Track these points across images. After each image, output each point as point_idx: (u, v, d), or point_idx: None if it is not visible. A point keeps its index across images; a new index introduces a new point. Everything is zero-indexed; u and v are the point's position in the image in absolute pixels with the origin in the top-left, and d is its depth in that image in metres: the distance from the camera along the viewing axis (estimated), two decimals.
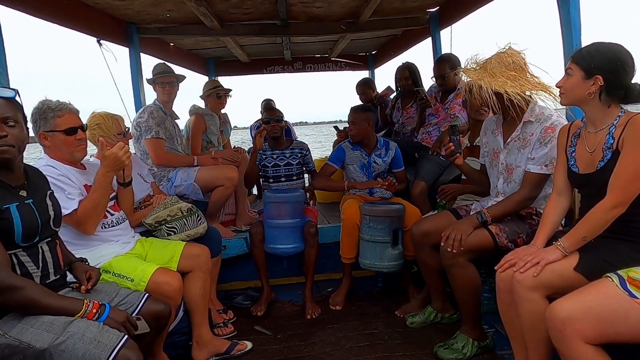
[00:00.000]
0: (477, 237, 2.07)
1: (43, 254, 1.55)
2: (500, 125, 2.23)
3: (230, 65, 5.98)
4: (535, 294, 1.60)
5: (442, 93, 3.52)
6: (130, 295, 1.74)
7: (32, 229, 1.49)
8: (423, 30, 4.16)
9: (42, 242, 1.56)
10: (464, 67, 2.08)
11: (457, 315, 2.53)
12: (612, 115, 1.65)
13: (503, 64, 1.98)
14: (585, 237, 1.61)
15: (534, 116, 2.06)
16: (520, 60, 1.99)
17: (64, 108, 1.94)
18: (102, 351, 1.36)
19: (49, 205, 1.62)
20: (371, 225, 2.74)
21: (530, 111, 2.06)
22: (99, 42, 3.36)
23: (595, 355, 1.37)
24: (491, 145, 2.31)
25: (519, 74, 1.96)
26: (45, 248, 1.57)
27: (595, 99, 1.64)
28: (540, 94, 1.98)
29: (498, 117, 2.23)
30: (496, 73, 1.96)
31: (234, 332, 2.59)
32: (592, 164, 1.68)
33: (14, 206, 1.46)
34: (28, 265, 1.50)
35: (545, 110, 2.06)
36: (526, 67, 2.00)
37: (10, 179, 1.52)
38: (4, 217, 1.42)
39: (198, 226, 2.46)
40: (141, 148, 3.07)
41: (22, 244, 1.48)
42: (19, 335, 1.37)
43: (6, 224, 1.43)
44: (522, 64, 1.99)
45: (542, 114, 2.05)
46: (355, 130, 3.05)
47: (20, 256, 1.48)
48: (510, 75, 1.95)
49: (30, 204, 1.52)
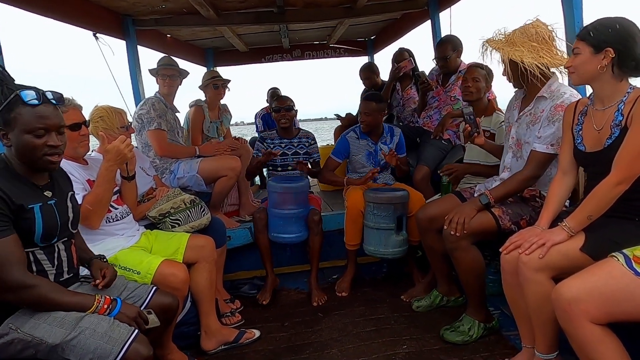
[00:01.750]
0: (480, 220, 2.07)
1: (59, 252, 1.56)
2: (520, 99, 2.20)
3: (228, 55, 5.94)
4: (541, 275, 1.61)
5: (443, 76, 3.48)
6: (139, 289, 1.75)
7: (51, 229, 1.50)
8: (422, 13, 4.10)
9: (59, 241, 1.57)
10: (489, 39, 2.02)
11: (462, 298, 2.54)
12: (621, 92, 1.63)
13: (526, 34, 1.94)
14: (590, 215, 1.60)
15: (548, 92, 2.02)
16: (545, 32, 1.94)
17: (69, 104, 1.94)
18: (113, 346, 1.38)
19: (69, 207, 1.62)
20: (375, 213, 2.74)
21: (547, 87, 2.02)
22: (95, 35, 3.34)
23: (602, 334, 1.38)
24: (508, 119, 2.29)
25: (541, 45, 1.92)
26: (61, 247, 1.57)
27: (607, 73, 1.61)
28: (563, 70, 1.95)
29: (520, 91, 2.20)
30: (517, 42, 1.93)
31: (241, 321, 2.61)
32: (599, 142, 1.66)
33: (38, 206, 1.46)
34: (44, 263, 1.51)
35: (562, 87, 2.02)
36: (551, 41, 1.95)
37: (37, 179, 1.52)
38: (27, 217, 1.43)
39: (202, 217, 2.47)
40: (143, 140, 3.07)
41: (40, 244, 1.49)
42: (31, 330, 1.39)
43: (28, 224, 1.43)
44: (547, 36, 1.94)
45: (558, 90, 2.01)
46: (368, 120, 3.02)
47: (37, 254, 1.49)
48: (532, 46, 1.91)
49: (52, 205, 1.52)
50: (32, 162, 1.47)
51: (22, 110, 1.41)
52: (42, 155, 1.45)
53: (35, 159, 1.45)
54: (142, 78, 3.78)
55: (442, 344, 2.20)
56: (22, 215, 1.42)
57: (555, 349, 1.72)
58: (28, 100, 1.41)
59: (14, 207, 1.39)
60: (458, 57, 3.35)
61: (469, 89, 2.64)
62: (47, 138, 1.44)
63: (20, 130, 1.41)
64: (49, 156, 1.46)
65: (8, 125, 1.42)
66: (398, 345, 2.22)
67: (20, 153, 1.45)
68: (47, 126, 1.44)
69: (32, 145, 1.42)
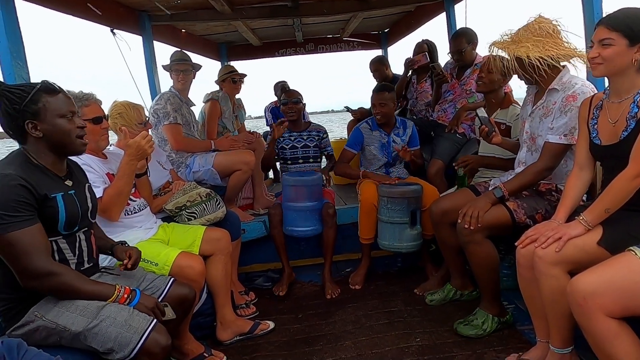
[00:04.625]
0: (494, 213, 2.06)
1: (80, 242, 1.61)
2: (532, 94, 2.19)
3: (242, 49, 5.95)
4: (557, 269, 1.60)
5: (459, 69, 3.44)
6: (157, 280, 1.79)
7: (74, 217, 1.55)
8: (437, 5, 4.05)
9: (80, 231, 1.62)
10: (495, 41, 2.04)
11: (476, 292, 2.53)
12: (637, 84, 1.60)
13: (529, 31, 1.95)
14: (608, 209, 1.58)
15: (560, 84, 2.00)
16: (549, 26, 1.93)
17: (91, 98, 2.03)
18: (133, 334, 1.42)
19: (88, 197, 1.68)
20: (389, 207, 2.74)
21: (558, 79, 2.01)
22: (113, 31, 3.38)
23: (618, 328, 1.37)
24: (522, 115, 2.27)
25: (546, 39, 1.91)
26: (82, 237, 1.62)
27: (635, 67, 1.58)
28: (574, 61, 1.94)
29: (532, 87, 2.18)
30: (521, 40, 1.94)
31: (256, 313, 2.65)
32: (615, 135, 1.64)
33: (60, 195, 1.52)
34: (66, 252, 1.56)
35: (574, 79, 2.00)
36: (556, 34, 1.94)
37: (58, 169, 1.59)
38: (51, 205, 1.48)
39: (217, 210, 2.50)
40: (159, 135, 3.12)
41: (63, 232, 1.54)
42: (55, 318, 1.44)
43: (52, 212, 1.49)
44: (551, 30, 1.93)
45: (569, 82, 1.99)
46: (384, 111, 3.03)
47: (60, 243, 1.54)
48: (536, 40, 1.90)
49: (73, 195, 1.58)
50: (66, 146, 1.56)
51: (47, 99, 1.50)
52: (76, 138, 1.56)
53: (70, 142, 1.55)
54: (158, 73, 3.82)
55: (456, 337, 2.20)
56: (46, 204, 1.47)
57: (570, 344, 1.71)
58: (50, 90, 1.51)
59: (38, 197, 1.44)
60: (473, 50, 3.30)
61: (482, 80, 2.63)
62: (76, 121, 1.56)
63: (53, 116, 1.50)
64: (81, 138, 1.58)
65: (37, 116, 1.49)
66: (411, 338, 2.23)
67: (55, 140, 1.53)
68: (72, 110, 1.56)
69: (67, 128, 1.53)
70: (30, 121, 1.49)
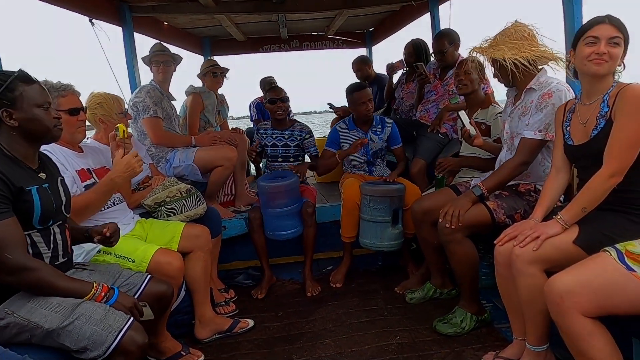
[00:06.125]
0: (474, 212, 2.08)
1: (54, 235, 1.56)
2: (512, 96, 2.23)
3: (226, 44, 5.88)
4: (534, 268, 1.62)
5: (441, 69, 3.48)
6: (133, 277, 1.75)
7: (49, 212, 1.51)
8: (421, 6, 4.08)
9: (54, 225, 1.57)
10: (475, 46, 2.11)
11: (455, 291, 2.57)
12: (607, 85, 1.66)
13: (506, 35, 2.01)
14: (584, 208, 1.62)
15: (537, 84, 2.05)
16: (525, 30, 1.99)
17: (68, 88, 1.96)
18: (109, 332, 1.38)
19: (61, 191, 1.63)
20: (372, 205, 2.74)
21: (535, 79, 2.06)
22: (91, 21, 3.29)
23: (593, 327, 1.40)
24: (503, 117, 2.32)
25: (522, 42, 1.96)
26: (56, 230, 1.58)
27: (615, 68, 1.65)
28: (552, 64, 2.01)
29: (512, 90, 2.23)
30: (498, 43, 2.00)
31: (235, 311, 2.62)
32: (585, 134, 1.69)
33: (35, 189, 1.47)
34: (40, 246, 1.51)
35: (550, 79, 2.05)
36: (531, 37, 1.99)
37: (31, 161, 1.54)
38: (26, 199, 1.44)
39: (197, 207, 2.46)
40: (138, 128, 3.05)
41: (38, 227, 1.49)
42: (28, 315, 1.39)
43: (27, 206, 1.44)
44: (527, 34, 1.98)
45: (546, 81, 2.04)
46: (371, 106, 3.07)
47: (34, 237, 1.49)
48: (512, 43, 1.96)
49: (47, 188, 1.53)
50: (43, 135, 1.54)
51: (24, 87, 1.47)
52: (53, 126, 1.54)
53: (47, 131, 1.53)
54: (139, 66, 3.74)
55: (435, 335, 2.22)
56: (22, 198, 1.43)
57: (546, 342, 1.74)
58: (27, 79, 1.48)
59: (14, 189, 1.40)
60: (455, 51, 3.34)
61: (463, 82, 2.66)
62: (51, 112, 1.55)
63: (30, 106, 1.48)
64: (58, 127, 1.57)
65: (13, 104, 1.45)
66: (391, 337, 2.24)
67: (30, 129, 1.50)
68: (49, 102, 1.54)
69: (45, 117, 1.51)
70: (6, 109, 1.44)
